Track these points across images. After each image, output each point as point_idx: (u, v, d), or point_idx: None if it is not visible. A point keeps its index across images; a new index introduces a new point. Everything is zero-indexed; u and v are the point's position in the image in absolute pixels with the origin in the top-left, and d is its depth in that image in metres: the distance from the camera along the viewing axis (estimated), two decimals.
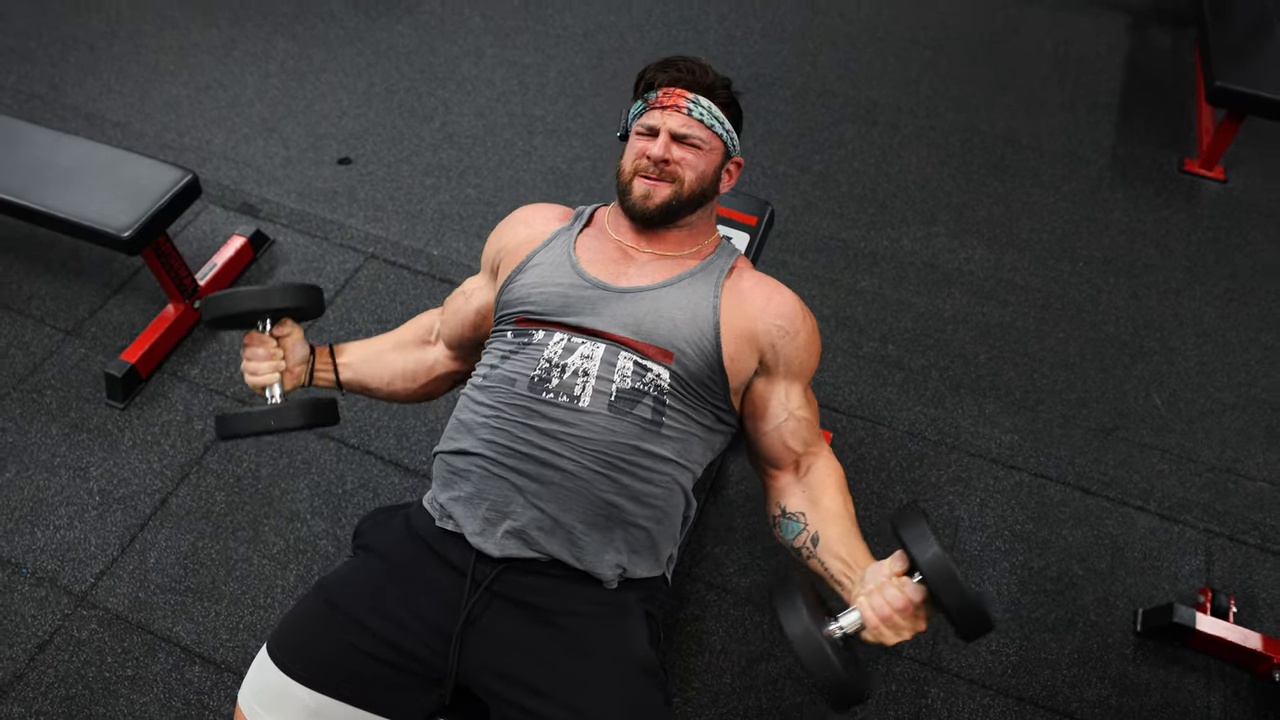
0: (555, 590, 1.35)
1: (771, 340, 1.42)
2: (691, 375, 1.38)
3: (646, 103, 1.47)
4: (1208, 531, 2.20)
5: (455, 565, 1.36)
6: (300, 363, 1.53)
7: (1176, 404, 2.47)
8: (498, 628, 1.33)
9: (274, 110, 3.17)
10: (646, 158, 1.44)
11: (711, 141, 1.47)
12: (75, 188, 2.20)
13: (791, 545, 1.42)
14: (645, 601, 1.41)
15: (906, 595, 1.17)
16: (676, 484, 1.39)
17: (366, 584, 1.38)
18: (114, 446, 2.21)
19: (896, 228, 2.91)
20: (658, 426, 1.36)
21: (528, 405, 1.36)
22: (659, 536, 1.40)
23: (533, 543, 1.33)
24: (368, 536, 1.48)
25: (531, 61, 3.45)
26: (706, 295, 1.43)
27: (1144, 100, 3.45)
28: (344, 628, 1.33)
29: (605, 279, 1.44)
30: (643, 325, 1.39)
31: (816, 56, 3.56)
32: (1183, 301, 2.74)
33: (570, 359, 1.37)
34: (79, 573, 1.99)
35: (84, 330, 2.44)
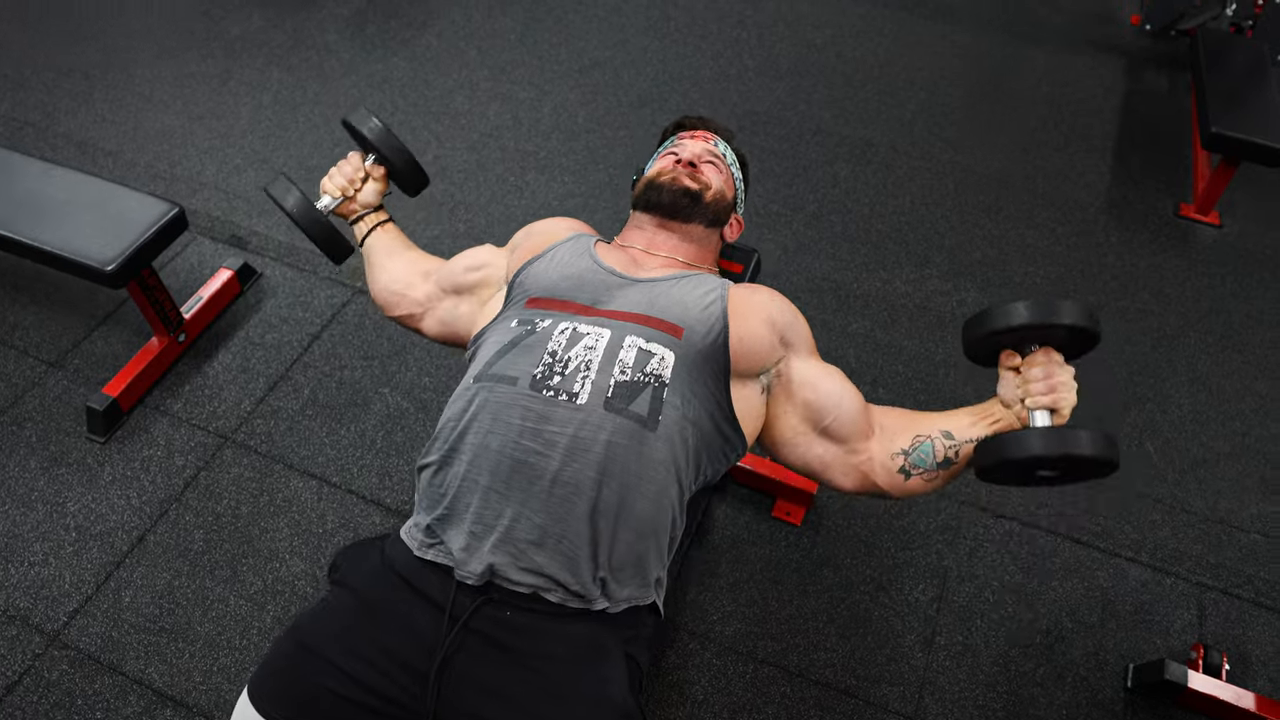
0: (534, 630, 1.32)
1: (787, 320, 1.48)
2: (698, 354, 1.38)
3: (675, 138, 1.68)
4: (1201, 585, 2.17)
5: (433, 599, 1.33)
6: (362, 206, 1.75)
7: (1169, 452, 2.44)
8: (473, 670, 1.30)
9: (266, 142, 3.17)
10: (676, 162, 1.60)
11: (728, 180, 1.65)
12: (60, 220, 2.19)
13: (937, 465, 1.39)
14: (628, 644, 1.38)
15: (1040, 363, 1.28)
16: (666, 495, 1.35)
17: (339, 624, 1.35)
18: (93, 481, 2.18)
19: (889, 269, 2.89)
20: (654, 423, 1.33)
21: (526, 405, 1.33)
22: (646, 553, 1.36)
23: (519, 555, 1.30)
24: (342, 571, 1.45)
25: (526, 96, 3.45)
26: (715, 288, 1.47)
27: (1140, 144, 3.45)
28: (318, 670, 1.30)
29: (621, 270, 1.50)
30: (655, 304, 1.42)
31: (811, 94, 3.56)
32: (1176, 348, 2.72)
33: (574, 350, 1.36)
34: (52, 611, 1.96)
35: (67, 362, 2.42)
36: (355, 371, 2.45)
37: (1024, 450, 1.22)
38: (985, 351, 1.35)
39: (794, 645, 2.01)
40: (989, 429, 1.35)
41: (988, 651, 2.03)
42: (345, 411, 2.36)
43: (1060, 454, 1.21)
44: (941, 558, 2.18)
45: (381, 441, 2.29)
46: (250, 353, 2.49)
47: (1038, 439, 1.22)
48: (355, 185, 1.74)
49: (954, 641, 2.04)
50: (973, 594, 2.12)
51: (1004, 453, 1.24)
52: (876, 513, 2.25)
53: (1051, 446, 1.21)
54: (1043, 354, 1.29)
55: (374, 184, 1.74)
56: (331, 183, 1.73)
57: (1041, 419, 1.27)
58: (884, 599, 2.10)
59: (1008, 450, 1.24)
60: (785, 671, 1.96)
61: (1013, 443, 1.23)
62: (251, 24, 3.70)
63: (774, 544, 2.17)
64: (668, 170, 1.59)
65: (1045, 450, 1.21)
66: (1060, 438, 1.21)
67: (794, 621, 2.05)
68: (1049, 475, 1.28)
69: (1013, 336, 1.29)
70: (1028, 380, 1.29)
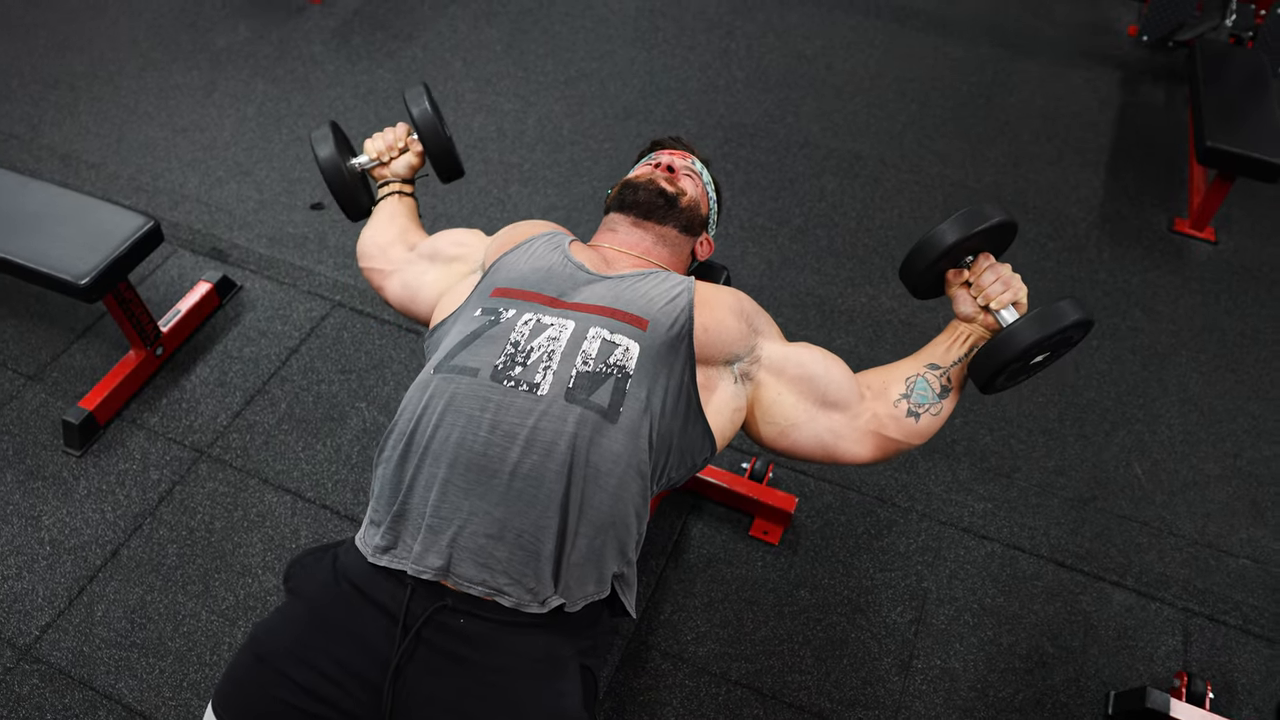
0: (488, 641, 1.30)
1: (754, 309, 1.51)
2: (663, 344, 1.37)
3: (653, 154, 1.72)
4: (1186, 610, 2.13)
5: (385, 607, 1.31)
6: (392, 174, 1.82)
7: (1158, 474, 2.40)
8: (426, 682, 1.28)
9: (250, 154, 3.16)
10: (655, 167, 1.64)
11: (701, 195, 1.67)
12: (35, 233, 2.18)
13: (936, 396, 1.45)
14: (583, 655, 1.35)
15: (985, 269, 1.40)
16: (626, 489, 1.33)
17: (292, 634, 1.33)
18: (68, 495, 2.17)
19: (875, 285, 2.86)
20: (615, 415, 1.31)
21: (486, 396, 1.31)
22: (604, 548, 1.33)
23: (477, 551, 1.28)
24: (295, 580, 1.44)
25: (510, 108, 3.44)
26: (682, 282, 1.47)
27: (1134, 158, 3.41)
28: (274, 683, 1.28)
29: (590, 267, 1.50)
30: (621, 297, 1.42)
31: (800, 107, 3.54)
32: (1168, 367, 2.68)
33: (537, 340, 1.35)
34: (24, 625, 1.95)
35: (45, 375, 2.42)
36: (332, 386, 2.44)
37: (1022, 343, 1.29)
38: (930, 280, 1.46)
39: (768, 667, 1.98)
40: (964, 347, 1.43)
41: (966, 676, 2.00)
42: (321, 426, 2.35)
43: (1055, 330, 1.29)
44: (921, 579, 2.15)
45: (357, 456, 2.28)
46: (228, 366, 2.48)
47: (1030, 329, 1.29)
48: (392, 153, 1.81)
49: (932, 665, 2.01)
50: (952, 616, 2.09)
51: (1003, 355, 1.31)
52: (855, 532, 2.23)
53: (1046, 328, 1.29)
54: (983, 259, 1.41)
55: (409, 158, 1.82)
56: (372, 144, 1.81)
57: (1009, 315, 1.37)
58: (861, 621, 2.07)
59: (1006, 351, 1.31)
60: (759, 694, 1.94)
61: (1007, 343, 1.31)
62: (237, 35, 3.70)
63: (750, 563, 2.15)
64: (645, 173, 1.63)
65: (1042, 334, 1.29)
66: (1047, 317, 1.30)
67: (769, 643, 2.02)
68: (1041, 360, 1.39)
69: (950, 257, 1.39)
70: (982, 288, 1.39)
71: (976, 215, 1.35)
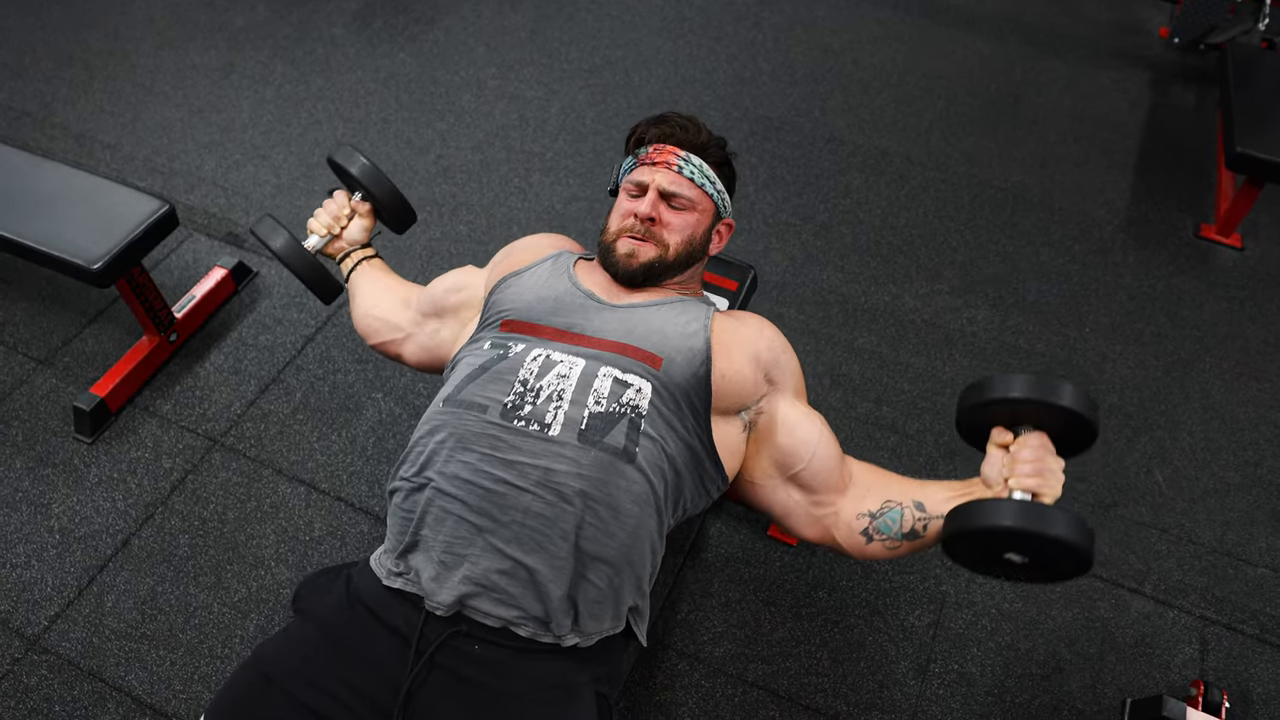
0: (501, 667, 1.28)
1: (775, 357, 1.43)
2: (676, 387, 1.34)
3: (637, 159, 1.48)
4: (1204, 619, 2.11)
5: (398, 631, 1.30)
6: (349, 243, 1.74)
7: (1179, 481, 2.37)
8: (438, 707, 1.27)
9: (267, 137, 3.13)
10: (634, 216, 1.45)
11: (701, 201, 1.49)
12: (49, 216, 2.15)
13: (901, 535, 1.34)
14: (597, 682, 1.34)
15: (1033, 444, 1.20)
16: (643, 527, 1.32)
17: (302, 655, 1.32)
18: (79, 483, 2.15)
19: (899, 283, 2.83)
20: (630, 457, 1.29)
21: (495, 435, 1.30)
22: (621, 585, 1.33)
23: (491, 587, 1.27)
24: (306, 600, 1.43)
25: (534, 96, 3.40)
26: (698, 316, 1.42)
27: (1162, 161, 3.37)
28: (278, 703, 1.27)
29: (599, 294, 1.45)
30: (634, 331, 1.38)
31: (826, 102, 3.49)
32: (1191, 374, 2.65)
33: (546, 379, 1.32)
34: (33, 615, 1.94)
35: (57, 360, 2.39)
36: (348, 375, 2.41)
37: (990, 521, 1.14)
38: (979, 422, 1.27)
39: (785, 669, 1.96)
40: (948, 503, 1.28)
41: (983, 681, 1.98)
42: (336, 416, 2.32)
43: (1033, 530, 1.11)
44: (939, 583, 2.13)
45: (373, 448, 2.26)
46: (242, 354, 2.46)
47: (1008, 513, 1.13)
48: (341, 222, 1.73)
49: (949, 669, 1.99)
50: (970, 621, 2.07)
51: (973, 519, 1.16)
52: None
53: (1026, 523, 1.12)
54: (1036, 436, 1.22)
55: (360, 221, 1.74)
56: (318, 221, 1.72)
57: (1019, 498, 1.19)
58: (879, 623, 2.05)
59: (978, 517, 1.16)
60: (775, 695, 1.92)
61: (978, 512, 1.15)
62: (256, 15, 3.66)
63: (768, 564, 2.13)
64: (625, 232, 1.47)
65: (1016, 524, 1.12)
66: (1034, 514, 1.12)
67: (786, 644, 2.00)
68: (1017, 561, 1.19)
69: (1008, 410, 1.22)
70: (1016, 459, 1.21)
71: (1052, 389, 1.18)
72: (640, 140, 1.52)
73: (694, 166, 1.47)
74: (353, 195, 1.74)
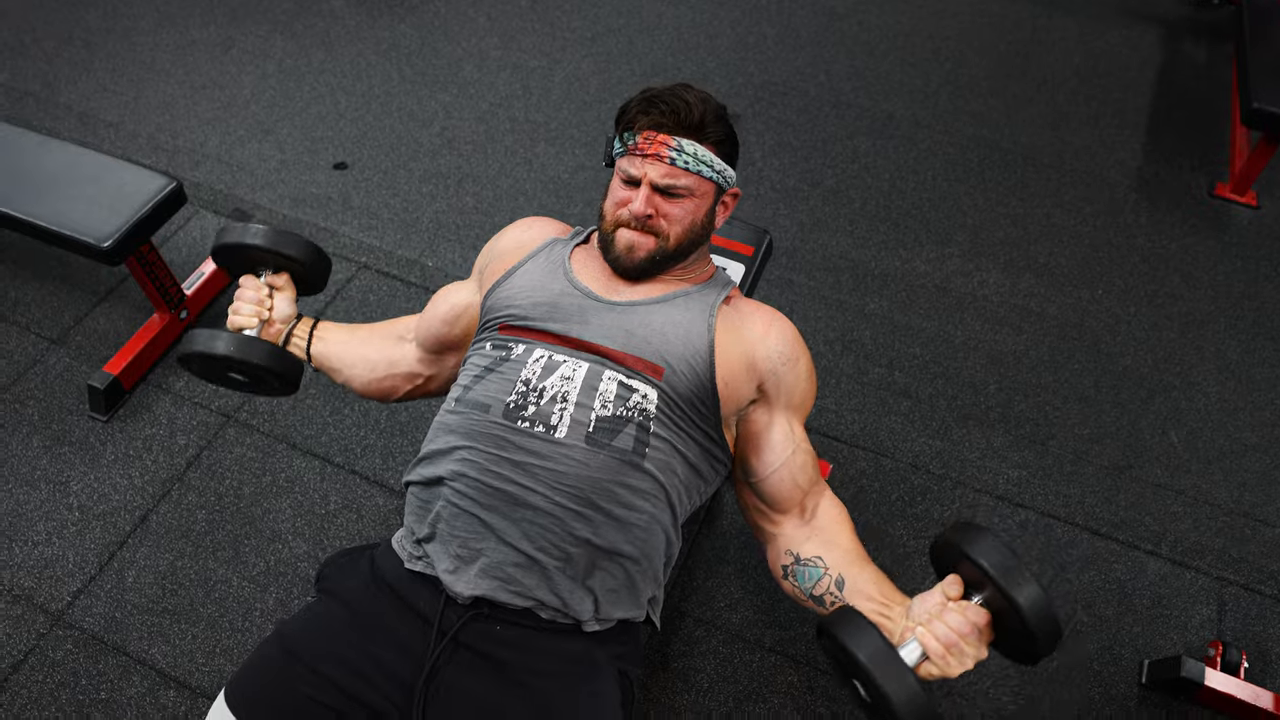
0: (523, 643, 1.29)
1: (773, 367, 1.36)
2: (681, 396, 1.31)
3: (627, 147, 1.36)
4: (1221, 579, 2.11)
5: (421, 612, 1.31)
6: (283, 320, 1.57)
7: (1195, 443, 2.37)
8: (461, 684, 1.27)
9: (270, 112, 3.11)
10: (628, 210, 1.36)
11: (700, 187, 1.37)
12: (57, 195, 2.15)
13: (810, 594, 1.32)
14: (619, 659, 1.34)
15: (970, 619, 1.10)
16: (656, 522, 1.32)
17: (327, 633, 1.33)
18: (95, 460, 2.16)
19: (909, 248, 2.81)
20: (640, 458, 1.29)
21: (501, 435, 1.29)
22: (638, 577, 1.33)
23: (507, 580, 1.27)
24: (330, 580, 1.43)
25: (536, 65, 3.37)
26: (701, 314, 1.37)
27: (1175, 119, 3.33)
28: (302, 679, 1.27)
29: (597, 291, 1.39)
30: (633, 337, 1.33)
31: (832, 66, 3.45)
32: (1206, 334, 2.63)
33: (549, 380, 1.30)
34: (56, 591, 1.95)
35: (69, 339, 2.40)
36: None
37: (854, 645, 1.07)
38: (946, 561, 1.18)
39: (802, 634, 1.97)
40: (872, 612, 1.22)
41: None
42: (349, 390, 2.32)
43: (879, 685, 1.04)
44: None
45: (385, 421, 2.26)
46: None
47: (870, 648, 1.06)
48: (266, 304, 1.54)
49: None
50: None
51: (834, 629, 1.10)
52: (889, 499, 2.20)
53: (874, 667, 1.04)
54: (978, 614, 1.11)
55: (283, 294, 1.57)
56: (242, 316, 1.53)
57: (912, 653, 1.11)
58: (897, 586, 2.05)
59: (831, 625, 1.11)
60: (792, 660, 1.93)
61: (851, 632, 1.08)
62: None
63: None
64: (623, 224, 1.38)
65: (866, 664, 1.05)
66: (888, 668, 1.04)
67: (802, 610, 2.00)
68: (858, 687, 1.13)
69: (975, 573, 1.11)
70: (942, 617, 1.12)
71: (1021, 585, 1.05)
72: (629, 126, 1.36)
73: (688, 155, 1.33)
74: (260, 273, 1.55)
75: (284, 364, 1.50)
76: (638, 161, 1.35)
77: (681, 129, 1.34)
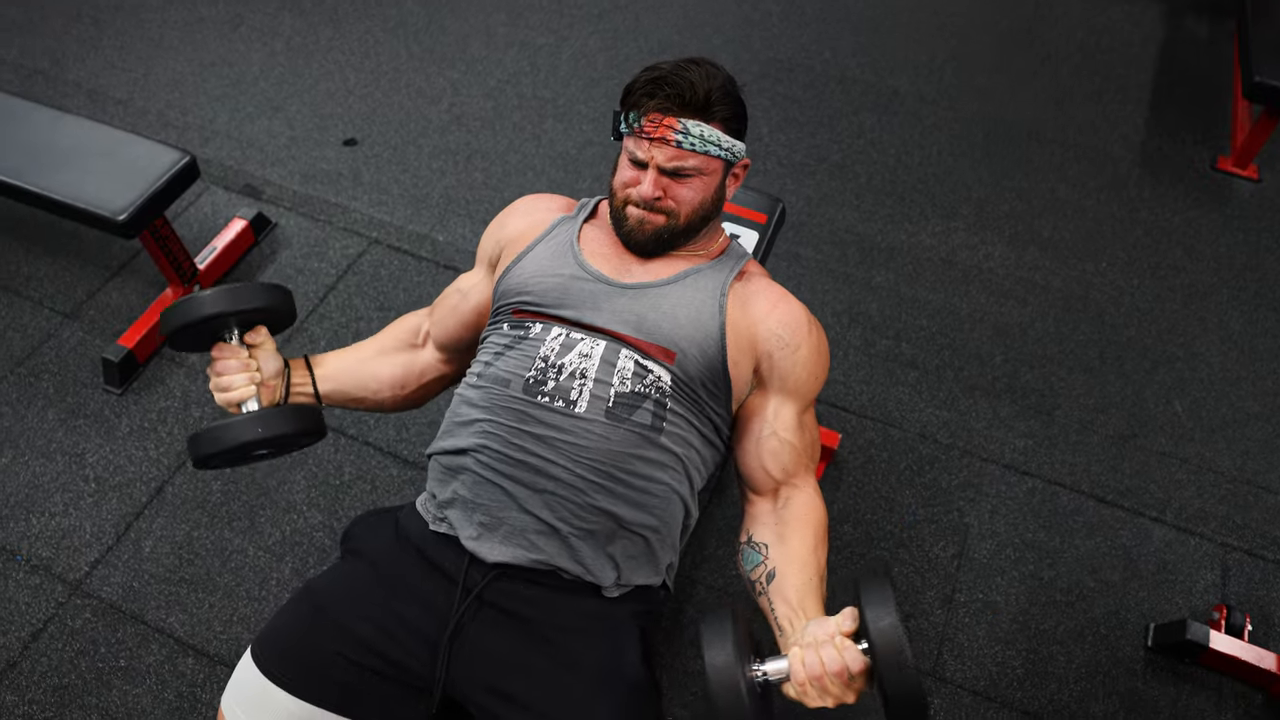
0: (547, 601, 1.31)
1: (769, 349, 1.36)
2: (693, 378, 1.33)
3: (632, 129, 1.34)
4: (1225, 545, 2.14)
5: (446, 571, 1.33)
6: (274, 376, 1.40)
7: (1198, 412, 2.40)
8: (486, 639, 1.30)
9: (279, 89, 3.12)
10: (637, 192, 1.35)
11: (708, 165, 1.35)
12: (71, 169, 2.16)
13: (748, 576, 1.33)
14: (640, 616, 1.37)
15: (845, 660, 1.06)
16: (675, 493, 1.35)
17: (354, 590, 1.35)
18: (111, 433, 2.18)
19: (915, 222, 2.83)
20: (657, 433, 1.31)
21: (522, 409, 1.31)
22: (657, 545, 1.36)
23: (530, 547, 1.29)
24: (356, 540, 1.45)
25: (544, 42, 3.37)
26: (712, 294, 1.37)
27: (1177, 94, 3.34)
28: (330, 634, 1.30)
29: (608, 273, 1.39)
30: (644, 322, 1.34)
31: (837, 42, 3.46)
32: (1209, 306, 2.66)
33: (568, 357, 1.32)
34: (74, 561, 1.97)
35: (82, 313, 2.41)
36: (371, 323, 2.42)
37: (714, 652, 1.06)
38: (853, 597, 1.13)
39: None
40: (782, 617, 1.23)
41: (1008, 609, 2.02)
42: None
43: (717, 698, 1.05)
44: (963, 514, 2.16)
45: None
46: None
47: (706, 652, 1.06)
48: (252, 365, 1.36)
49: (974, 599, 2.03)
50: (993, 551, 2.10)
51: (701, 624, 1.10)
52: (898, 469, 2.23)
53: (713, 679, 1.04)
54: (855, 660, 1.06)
55: (264, 349, 1.39)
56: (235, 391, 1.35)
57: (777, 670, 1.09)
58: (905, 555, 2.08)
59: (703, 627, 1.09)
60: None
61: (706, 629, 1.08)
62: None
63: None
64: (632, 201, 1.37)
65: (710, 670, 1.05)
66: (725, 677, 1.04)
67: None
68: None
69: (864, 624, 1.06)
70: (819, 649, 1.08)
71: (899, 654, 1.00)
72: (635, 106, 1.33)
73: (695, 137, 1.30)
74: (227, 337, 1.36)
75: (308, 421, 1.35)
76: (644, 145, 1.33)
77: (687, 110, 1.31)
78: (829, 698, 1.08)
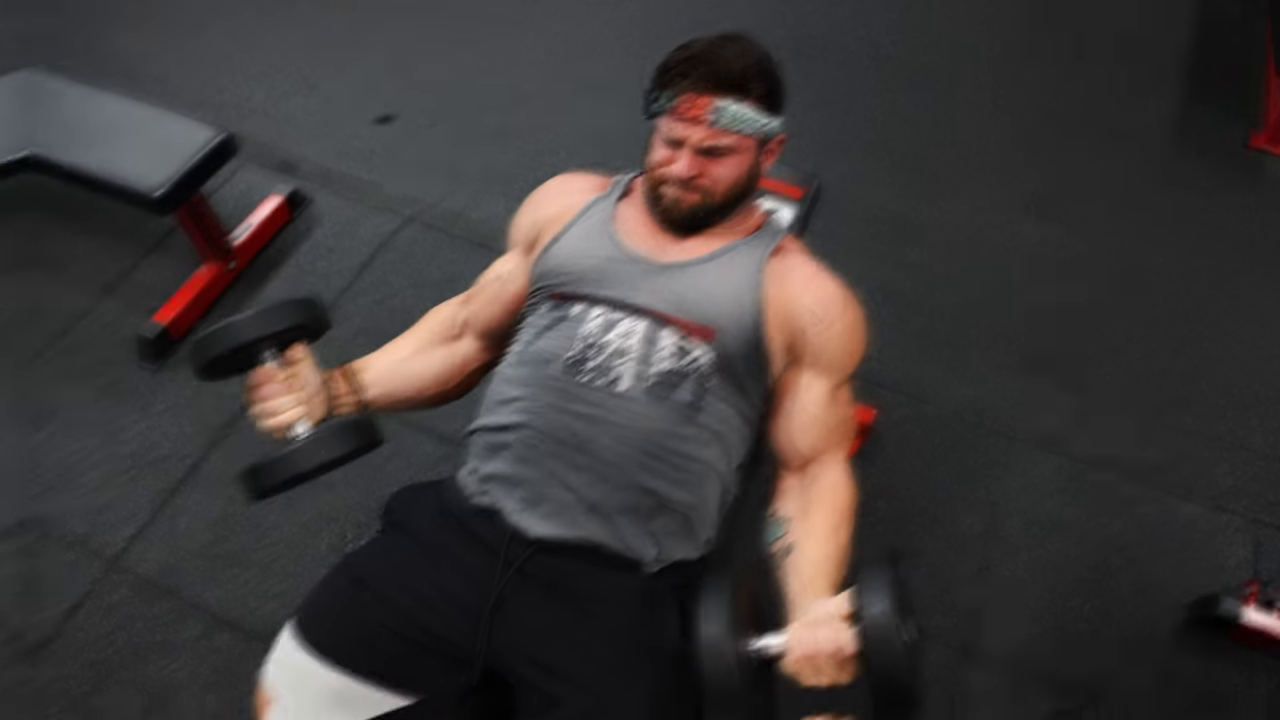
0: (588, 575, 1.32)
1: (803, 325, 1.36)
2: (732, 355, 1.34)
3: (666, 109, 1.33)
4: (1257, 521, 2.15)
5: (488, 544, 1.33)
6: (316, 393, 1.34)
7: (1229, 390, 2.39)
8: (527, 612, 1.31)
9: (316, 68, 3.12)
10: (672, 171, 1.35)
11: (743, 144, 1.35)
12: (108, 145, 2.18)
13: (769, 548, 1.34)
14: (679, 590, 1.38)
15: (839, 640, 1.07)
16: (714, 471, 1.36)
17: (395, 562, 1.36)
18: (146, 409, 2.20)
19: (948, 199, 2.82)
20: (697, 411, 1.32)
21: (563, 388, 1.32)
22: (696, 522, 1.37)
23: (572, 524, 1.30)
24: (397, 514, 1.46)
25: (583, 18, 3.36)
26: (750, 271, 1.37)
27: (1210, 74, 3.30)
28: (371, 606, 1.31)
29: (645, 252, 1.40)
30: (684, 301, 1.35)
31: (870, 18, 3.43)
32: (1240, 284, 2.64)
33: (609, 336, 1.33)
34: (110, 536, 2.00)
35: (118, 290, 2.43)
36: (406, 299, 2.43)
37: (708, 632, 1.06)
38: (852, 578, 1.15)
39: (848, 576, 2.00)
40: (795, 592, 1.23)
41: (1036, 585, 2.03)
42: None
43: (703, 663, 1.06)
44: (991, 491, 2.17)
45: None
46: (300, 280, 2.48)
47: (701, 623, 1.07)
48: (298, 385, 1.32)
49: (1003, 575, 2.04)
50: (1022, 528, 2.12)
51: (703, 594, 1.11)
52: (931, 445, 2.24)
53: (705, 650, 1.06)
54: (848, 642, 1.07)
55: (305, 367, 1.34)
56: (285, 415, 1.30)
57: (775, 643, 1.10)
58: (937, 530, 2.10)
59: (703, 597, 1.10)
60: None
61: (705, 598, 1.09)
62: None
63: None
64: (669, 180, 1.36)
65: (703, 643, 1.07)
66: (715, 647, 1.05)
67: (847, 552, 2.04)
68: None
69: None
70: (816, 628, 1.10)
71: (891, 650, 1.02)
72: (669, 85, 1.32)
73: (729, 116, 1.30)
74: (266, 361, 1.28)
75: (365, 435, 1.28)
76: (679, 126, 1.32)
77: (722, 88, 1.30)
78: (823, 676, 1.09)
